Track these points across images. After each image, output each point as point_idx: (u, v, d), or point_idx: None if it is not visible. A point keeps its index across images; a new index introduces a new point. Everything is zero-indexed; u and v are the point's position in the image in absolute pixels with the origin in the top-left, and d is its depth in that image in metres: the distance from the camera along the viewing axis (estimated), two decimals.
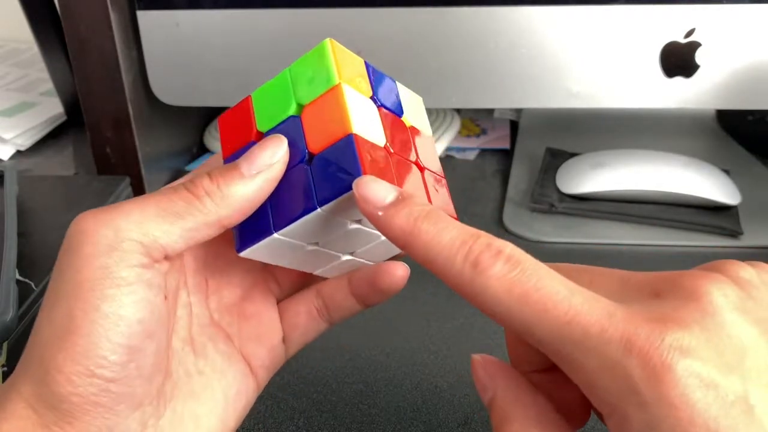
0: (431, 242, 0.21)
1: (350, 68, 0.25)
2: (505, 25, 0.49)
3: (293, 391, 0.36)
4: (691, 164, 0.53)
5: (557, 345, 0.19)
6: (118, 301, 0.21)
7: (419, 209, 0.21)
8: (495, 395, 0.22)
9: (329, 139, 0.23)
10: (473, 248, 0.20)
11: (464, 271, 0.20)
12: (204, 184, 0.23)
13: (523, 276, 0.19)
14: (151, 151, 0.56)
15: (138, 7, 0.50)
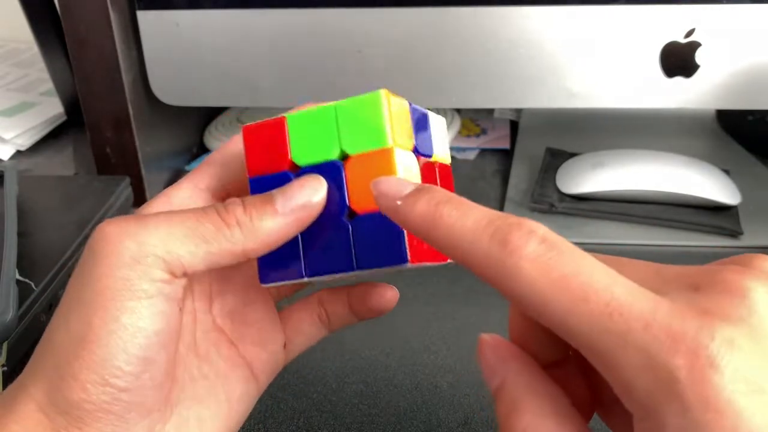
0: (455, 225, 0.19)
1: (400, 124, 0.23)
2: (505, 25, 0.49)
3: (293, 391, 0.36)
4: (691, 164, 0.53)
5: (594, 338, 0.17)
6: (138, 313, 0.21)
7: (440, 194, 0.20)
8: (505, 381, 0.20)
9: (375, 205, 0.22)
10: (502, 227, 0.18)
11: (492, 251, 0.18)
12: (237, 213, 0.23)
13: (561, 259, 0.17)
14: (151, 151, 0.56)
15: (138, 7, 0.50)
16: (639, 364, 0.16)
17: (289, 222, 0.23)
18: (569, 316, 0.17)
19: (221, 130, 0.65)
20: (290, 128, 0.24)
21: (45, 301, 0.38)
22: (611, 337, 0.17)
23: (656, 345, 0.16)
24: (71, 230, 0.43)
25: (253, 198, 0.23)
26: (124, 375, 0.21)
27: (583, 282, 0.17)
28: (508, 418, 0.19)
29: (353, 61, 0.51)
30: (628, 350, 0.16)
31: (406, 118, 0.24)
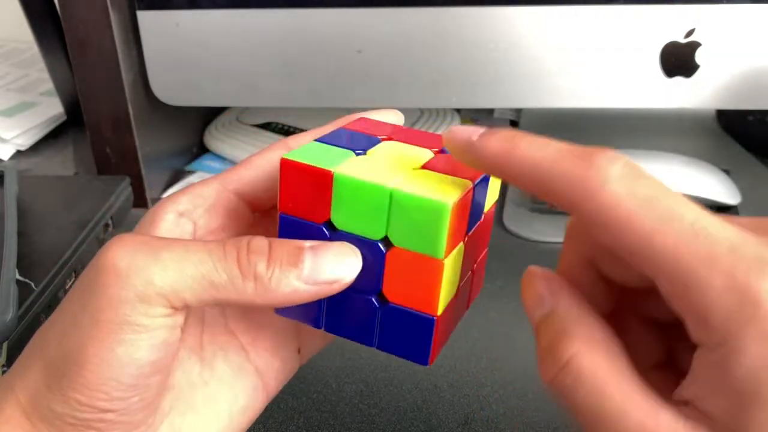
0: (534, 154, 0.19)
1: (457, 227, 0.22)
2: (505, 25, 0.49)
3: (293, 391, 0.36)
4: (691, 164, 0.53)
5: (678, 257, 0.17)
6: (134, 345, 0.20)
7: (513, 131, 0.20)
8: (555, 310, 0.20)
9: (409, 302, 0.22)
10: (585, 151, 0.18)
11: (576, 173, 0.18)
12: (258, 267, 0.21)
13: (647, 182, 0.18)
14: (151, 151, 0.56)
15: (138, 7, 0.50)
16: (722, 285, 0.16)
17: (311, 293, 0.21)
18: (654, 235, 0.17)
19: (221, 130, 0.65)
20: (336, 188, 0.22)
21: (45, 301, 0.38)
22: (695, 257, 0.16)
23: (742, 267, 0.16)
24: (71, 230, 0.43)
25: (281, 251, 0.21)
26: (112, 399, 0.21)
27: (670, 204, 0.17)
28: (554, 345, 0.19)
29: (353, 61, 0.51)
30: (712, 270, 0.16)
31: (465, 214, 0.22)
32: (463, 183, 0.22)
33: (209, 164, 0.62)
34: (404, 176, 0.22)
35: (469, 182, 0.22)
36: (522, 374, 0.37)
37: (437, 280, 0.21)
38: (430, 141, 0.25)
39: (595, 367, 0.18)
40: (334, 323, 0.24)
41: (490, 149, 0.20)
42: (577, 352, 0.19)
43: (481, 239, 0.25)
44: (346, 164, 0.22)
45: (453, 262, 0.22)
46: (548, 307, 0.20)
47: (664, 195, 0.17)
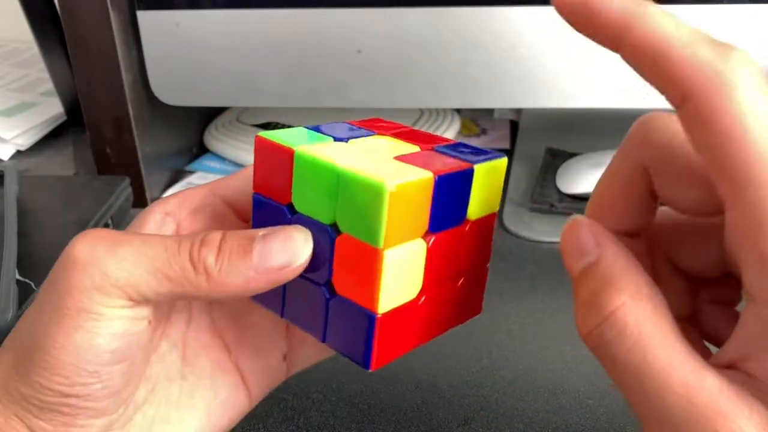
0: (664, 23, 0.17)
1: (407, 214, 0.20)
2: (505, 25, 0.49)
3: (293, 391, 0.36)
4: None
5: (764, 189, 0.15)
6: (92, 332, 0.21)
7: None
8: (600, 260, 0.18)
9: (353, 296, 0.21)
10: (719, 42, 0.17)
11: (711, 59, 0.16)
12: (208, 260, 0.21)
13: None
14: (151, 151, 0.56)
15: (138, 7, 0.50)
16: None
17: (261, 282, 0.21)
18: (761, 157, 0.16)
19: (221, 130, 0.65)
20: (296, 167, 0.21)
21: None
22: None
23: None
24: (71, 230, 0.43)
25: (232, 243, 0.22)
26: (72, 384, 0.21)
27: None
28: (597, 296, 0.18)
29: (353, 61, 0.51)
30: None
31: (422, 202, 0.20)
32: (424, 174, 0.20)
33: (209, 164, 0.62)
34: (366, 162, 0.20)
35: (430, 173, 0.20)
36: (522, 374, 0.37)
37: (377, 272, 0.20)
38: (429, 141, 0.24)
39: (641, 322, 0.17)
40: (293, 312, 0.23)
41: (614, 10, 0.18)
42: (622, 305, 0.17)
43: (469, 250, 0.23)
44: (315, 146, 0.22)
45: (404, 259, 0.20)
46: (593, 256, 0.19)
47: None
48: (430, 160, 0.21)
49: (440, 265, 0.22)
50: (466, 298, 0.24)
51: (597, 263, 0.19)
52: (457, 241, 0.22)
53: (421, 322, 0.22)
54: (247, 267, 0.21)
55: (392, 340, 0.21)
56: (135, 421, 0.24)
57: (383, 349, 0.21)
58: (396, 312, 0.21)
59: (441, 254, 0.22)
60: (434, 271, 0.22)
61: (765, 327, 0.16)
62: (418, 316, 0.22)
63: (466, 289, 0.24)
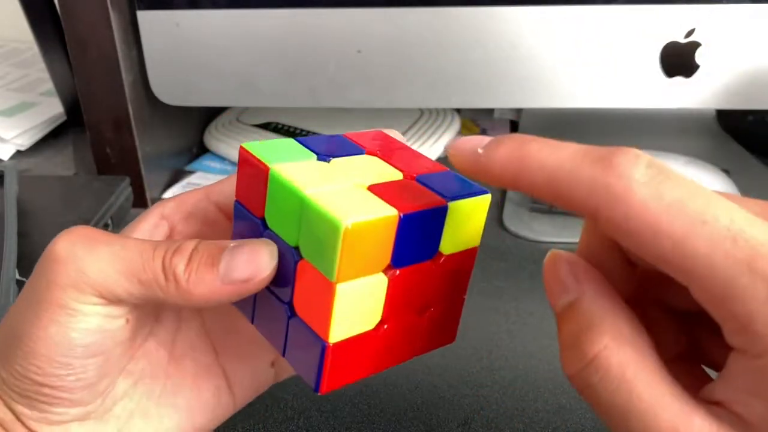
0: (547, 159, 0.17)
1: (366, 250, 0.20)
2: (505, 25, 0.49)
3: (293, 391, 0.36)
4: (691, 164, 0.53)
5: (714, 265, 0.15)
6: (67, 327, 0.22)
7: (521, 136, 0.18)
8: (581, 299, 0.18)
9: (309, 320, 0.21)
10: (603, 153, 0.17)
11: (596, 177, 0.17)
12: (177, 269, 0.21)
13: (673, 183, 0.16)
14: (151, 151, 0.56)
15: (138, 7, 0.50)
16: (766, 293, 0.15)
17: (227, 292, 0.22)
18: (686, 241, 0.16)
19: (221, 130, 0.65)
20: (269, 184, 0.21)
21: None
22: (734, 264, 0.15)
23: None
24: None
25: (203, 252, 0.22)
26: (45, 375, 0.22)
27: (702, 205, 0.16)
28: (579, 339, 0.18)
29: (353, 61, 0.51)
30: (753, 278, 0.15)
31: (383, 238, 0.20)
32: (388, 211, 0.20)
33: (209, 164, 0.62)
34: (335, 190, 0.20)
35: (394, 212, 0.20)
36: (522, 374, 0.37)
37: (329, 304, 0.20)
38: (418, 167, 0.23)
39: (624, 365, 0.17)
40: (261, 321, 0.23)
41: (499, 159, 0.18)
42: (604, 348, 0.18)
43: (441, 283, 0.23)
44: (291, 165, 0.21)
45: (361, 292, 0.20)
46: (573, 294, 0.19)
47: (694, 195, 0.16)
48: (404, 194, 0.21)
49: (405, 298, 0.22)
50: (436, 327, 0.24)
51: (578, 302, 0.19)
52: (425, 274, 0.22)
53: (382, 349, 0.22)
54: (213, 278, 0.21)
55: (346, 366, 0.21)
56: (114, 413, 0.24)
57: (334, 375, 0.21)
58: (352, 341, 0.21)
59: (406, 287, 0.22)
60: (398, 303, 0.22)
61: (752, 375, 0.16)
62: (377, 345, 0.22)
63: (435, 320, 0.24)
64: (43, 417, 0.23)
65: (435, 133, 0.63)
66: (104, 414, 0.24)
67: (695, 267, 0.16)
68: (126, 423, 0.24)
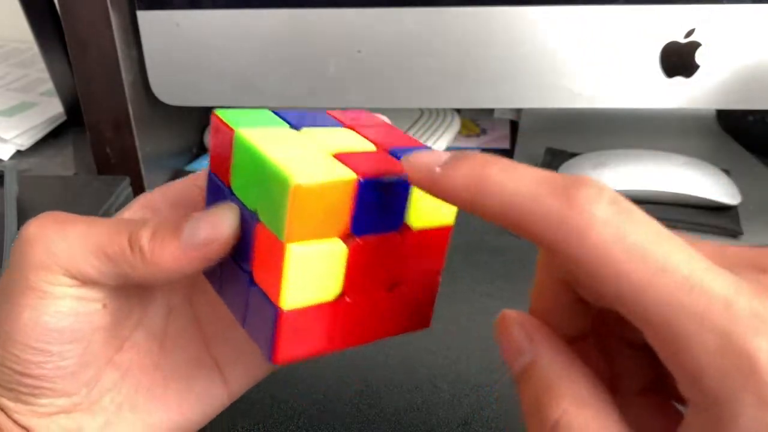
0: (506, 185, 0.17)
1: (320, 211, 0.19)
2: (505, 25, 0.49)
3: (293, 391, 0.36)
4: (691, 164, 0.53)
5: (668, 314, 0.15)
6: (38, 310, 0.22)
7: (482, 156, 0.18)
8: (536, 362, 0.18)
9: (266, 287, 0.20)
10: (565, 184, 0.16)
11: (556, 210, 0.16)
12: (143, 240, 0.22)
13: (635, 224, 0.16)
14: (151, 151, 0.56)
15: (138, 7, 0.50)
16: (716, 346, 0.15)
17: (191, 258, 0.21)
18: (646, 288, 0.15)
19: None
20: (234, 148, 0.21)
21: None
22: (688, 316, 0.15)
23: (739, 327, 0.15)
24: None
25: (167, 225, 0.22)
26: (22, 362, 0.22)
27: (662, 252, 0.15)
28: (540, 403, 0.18)
29: (353, 61, 0.51)
30: (705, 330, 0.15)
31: (340, 203, 0.20)
32: (347, 175, 0.19)
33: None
34: (298, 154, 0.20)
35: (353, 176, 0.19)
36: None
37: (281, 266, 0.19)
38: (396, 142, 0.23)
39: (584, 429, 0.17)
40: (226, 293, 0.23)
41: (458, 181, 0.18)
42: (564, 413, 0.17)
43: (411, 259, 0.22)
44: (259, 130, 0.21)
45: (316, 257, 0.20)
46: (528, 356, 0.18)
47: (656, 240, 0.16)
48: (370, 162, 0.21)
49: (369, 271, 0.21)
50: (407, 309, 0.23)
51: (534, 364, 0.18)
52: (391, 248, 0.21)
53: (345, 325, 0.22)
54: (177, 245, 0.21)
55: (302, 337, 0.21)
56: (101, 404, 0.24)
57: (289, 344, 0.21)
58: (309, 311, 0.21)
59: (369, 259, 0.21)
60: (361, 276, 0.21)
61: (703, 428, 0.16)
62: (339, 319, 0.21)
63: (406, 299, 0.23)
64: (30, 410, 0.22)
65: (435, 133, 0.63)
66: (91, 406, 0.24)
67: (651, 315, 0.16)
68: (114, 415, 0.24)
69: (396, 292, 0.23)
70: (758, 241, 0.50)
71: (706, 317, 0.15)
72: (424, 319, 0.24)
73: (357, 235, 0.20)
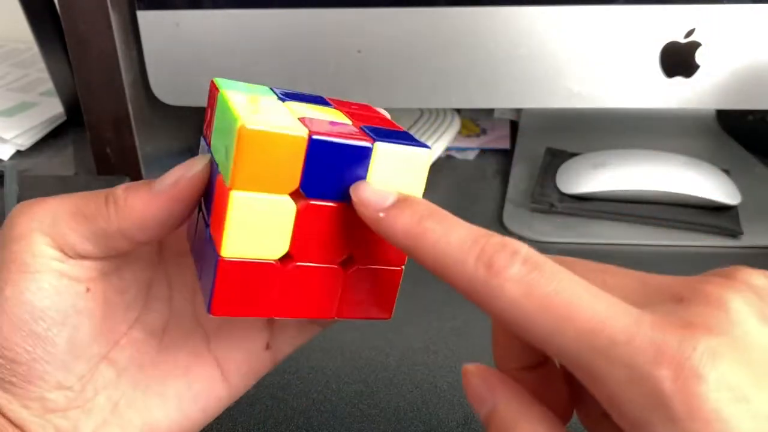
0: (439, 243, 0.19)
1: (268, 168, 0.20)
2: (505, 25, 0.49)
3: (293, 391, 0.36)
4: (691, 164, 0.53)
5: (580, 354, 0.17)
6: (20, 286, 0.22)
7: (423, 207, 0.20)
8: (496, 408, 0.20)
9: (215, 235, 0.21)
10: (486, 248, 0.19)
11: (477, 273, 0.18)
12: (116, 192, 0.22)
13: (543, 279, 0.18)
14: (151, 151, 0.56)
15: (138, 7, 0.50)
16: (625, 378, 0.16)
17: (161, 201, 0.22)
18: (554, 335, 0.17)
19: None
20: (216, 107, 0.22)
21: None
22: (596, 354, 0.17)
23: (640, 358, 0.16)
24: None
25: (142, 181, 0.23)
26: (10, 346, 0.22)
27: (565, 300, 0.17)
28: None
29: (353, 61, 0.51)
30: (613, 365, 0.17)
31: (290, 157, 0.20)
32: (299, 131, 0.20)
33: None
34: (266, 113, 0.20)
35: (304, 132, 0.20)
36: None
37: (224, 214, 0.20)
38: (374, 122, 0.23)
39: None
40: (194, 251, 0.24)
41: (398, 230, 0.20)
42: None
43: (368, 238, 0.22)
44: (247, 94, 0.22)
45: (260, 208, 0.20)
46: (490, 404, 0.20)
47: (559, 290, 0.18)
48: (332, 127, 0.21)
49: (320, 237, 0.21)
50: (364, 292, 0.23)
51: (494, 412, 0.20)
52: (347, 218, 0.21)
53: (291, 292, 0.22)
54: (147, 190, 0.22)
55: (244, 293, 0.21)
56: (97, 402, 0.24)
57: (228, 297, 0.21)
58: (252, 266, 0.21)
59: (321, 225, 0.21)
60: (310, 240, 0.21)
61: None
62: (285, 282, 0.21)
63: (363, 281, 0.23)
64: (22, 404, 0.22)
65: (435, 133, 0.63)
66: (86, 404, 0.24)
67: (564, 357, 0.17)
68: (111, 413, 0.24)
69: (351, 270, 0.22)
70: (758, 241, 0.50)
71: (611, 353, 0.17)
72: (383, 309, 0.24)
73: (308, 196, 0.21)
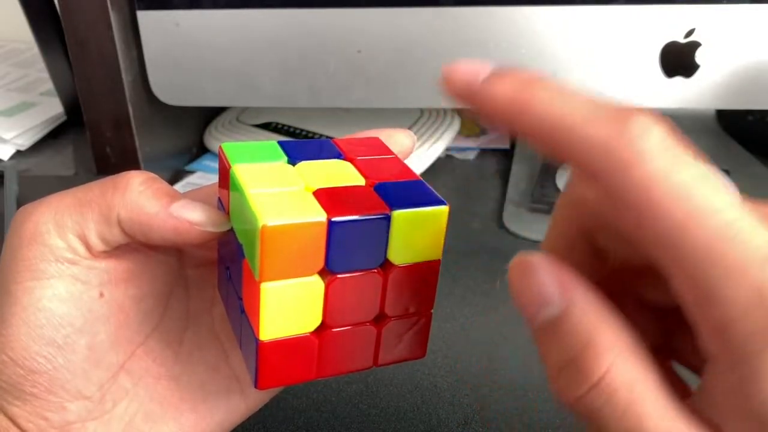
0: (553, 106, 0.16)
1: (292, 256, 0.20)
2: (505, 25, 0.49)
3: (293, 391, 0.36)
4: None
5: (706, 262, 0.14)
6: (37, 293, 0.21)
7: (527, 74, 0.17)
8: (570, 312, 0.16)
9: (250, 316, 0.21)
10: (617, 112, 0.15)
11: (605, 136, 0.15)
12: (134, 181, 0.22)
13: (684, 167, 0.15)
14: (151, 151, 0.56)
15: (138, 7, 0.50)
16: (747, 300, 0.14)
17: (168, 224, 0.21)
18: (685, 227, 0.14)
19: (221, 130, 0.65)
20: (230, 182, 0.22)
21: None
22: (724, 264, 0.14)
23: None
24: None
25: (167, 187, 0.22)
26: (34, 356, 0.21)
27: (710, 193, 0.15)
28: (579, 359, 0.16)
29: (353, 61, 0.51)
30: (738, 282, 0.14)
31: (312, 242, 0.20)
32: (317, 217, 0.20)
33: (209, 164, 0.62)
34: (279, 192, 0.21)
35: (323, 217, 0.20)
36: (522, 374, 0.37)
37: (257, 303, 0.20)
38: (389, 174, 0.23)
39: (632, 383, 0.16)
40: (230, 315, 0.24)
41: (500, 97, 0.17)
42: (610, 367, 0.16)
43: (396, 294, 0.22)
44: (256, 165, 0.22)
45: (291, 293, 0.20)
46: (557, 308, 0.16)
47: (703, 180, 0.15)
48: (348, 200, 0.21)
49: (350, 305, 0.22)
50: (398, 339, 0.24)
51: (566, 317, 0.16)
52: (374, 283, 0.22)
53: (330, 354, 0.22)
54: (163, 204, 0.21)
55: (285, 365, 0.22)
56: (115, 414, 0.24)
57: (270, 372, 0.21)
58: (289, 342, 0.21)
59: (350, 294, 0.22)
60: (341, 310, 0.22)
61: (730, 392, 0.15)
62: (324, 349, 0.22)
63: (396, 331, 0.23)
64: (42, 417, 0.22)
65: (435, 133, 0.63)
66: (104, 415, 0.23)
67: (686, 258, 0.15)
68: (129, 425, 0.24)
69: (383, 324, 0.23)
70: None
71: (742, 269, 0.14)
72: (419, 350, 0.24)
73: (335, 271, 0.21)
